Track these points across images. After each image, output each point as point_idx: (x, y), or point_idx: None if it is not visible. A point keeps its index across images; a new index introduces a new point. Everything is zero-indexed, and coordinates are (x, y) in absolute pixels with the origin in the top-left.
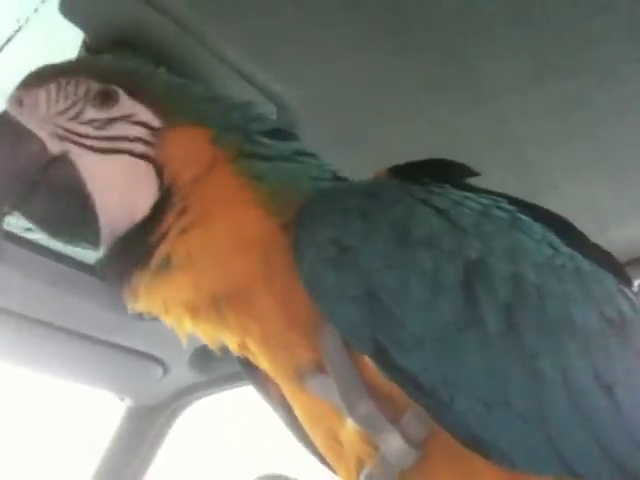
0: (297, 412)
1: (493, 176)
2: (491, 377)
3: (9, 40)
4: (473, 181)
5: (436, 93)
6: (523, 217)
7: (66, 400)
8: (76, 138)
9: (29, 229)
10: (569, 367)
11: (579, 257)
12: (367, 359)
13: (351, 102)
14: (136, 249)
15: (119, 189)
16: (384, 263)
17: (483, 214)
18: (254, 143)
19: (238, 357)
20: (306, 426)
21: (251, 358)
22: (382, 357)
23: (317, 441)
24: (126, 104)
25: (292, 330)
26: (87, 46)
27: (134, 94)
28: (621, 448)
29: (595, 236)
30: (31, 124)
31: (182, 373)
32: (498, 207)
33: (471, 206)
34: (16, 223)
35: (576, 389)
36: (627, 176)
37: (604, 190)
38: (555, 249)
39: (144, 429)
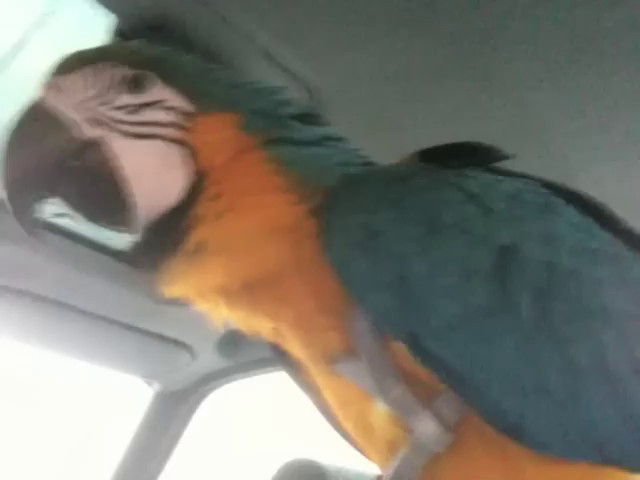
0: (327, 396)
1: (520, 162)
2: (525, 363)
3: (40, 24)
4: (505, 164)
5: (465, 79)
6: (557, 200)
7: (94, 386)
8: (111, 123)
9: (59, 214)
10: (604, 353)
11: (614, 240)
12: (399, 344)
13: (380, 88)
14: (170, 233)
15: (154, 173)
16: (415, 248)
17: (516, 198)
18: (284, 128)
19: (269, 343)
20: (337, 410)
21: (282, 343)
22: (414, 343)
23: (348, 425)
24: (159, 89)
25: (323, 315)
26: (119, 31)
27: (166, 79)
28: None
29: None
30: (67, 109)
31: (209, 358)
32: (531, 190)
33: (504, 190)
34: (47, 209)
35: (612, 375)
36: (637, 171)
37: (614, 185)
38: (590, 233)
39: (172, 413)
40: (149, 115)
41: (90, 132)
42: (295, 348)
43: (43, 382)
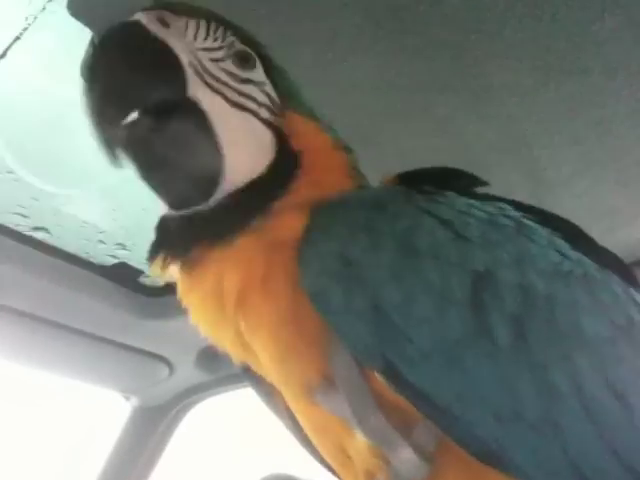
0: (302, 422)
1: (501, 175)
2: (502, 390)
3: (17, 38)
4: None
5: (445, 93)
6: (529, 223)
7: (72, 400)
8: (214, 83)
9: (37, 228)
10: (580, 377)
11: (587, 261)
12: (376, 374)
13: (360, 102)
14: (252, 203)
15: (246, 144)
16: (388, 277)
17: (489, 223)
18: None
19: (241, 365)
20: (313, 438)
21: (255, 367)
22: (391, 372)
23: (324, 452)
24: (260, 73)
25: (302, 341)
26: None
27: (267, 68)
28: (638, 457)
29: (604, 236)
30: (176, 47)
31: (188, 373)
32: (504, 215)
33: (477, 215)
34: (24, 223)
35: (589, 399)
36: (636, 175)
37: (613, 190)
38: (563, 254)
39: (150, 429)
40: (250, 90)
41: (193, 84)
42: (269, 372)
43: (18, 396)
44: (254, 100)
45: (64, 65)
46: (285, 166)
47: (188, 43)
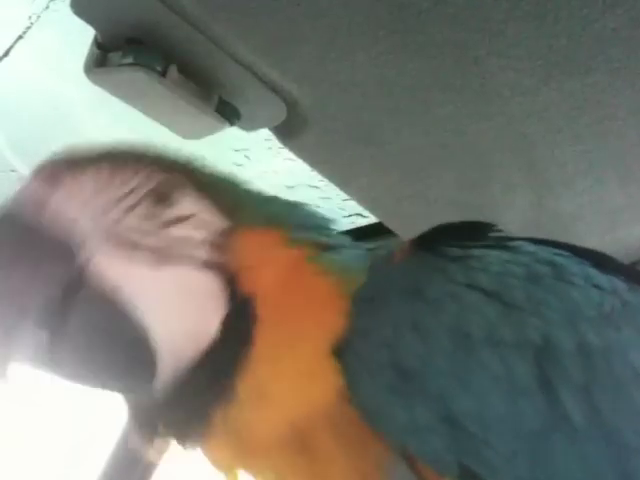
0: None
1: (502, 175)
2: (588, 469)
3: (21, 37)
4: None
5: (447, 92)
6: (560, 260)
7: (73, 398)
8: (127, 242)
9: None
10: None
11: (619, 285)
12: None
13: (362, 101)
14: (206, 384)
15: (184, 308)
16: (453, 383)
17: (529, 278)
18: (326, 237)
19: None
20: None
21: None
22: (469, 477)
23: None
24: (189, 203)
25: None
26: (98, 44)
27: (196, 191)
28: None
29: (605, 235)
30: (68, 215)
31: None
32: (537, 260)
33: (516, 273)
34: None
35: None
36: (638, 174)
37: (615, 189)
38: (600, 288)
39: None
40: (178, 232)
41: (97, 249)
42: None
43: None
44: (186, 242)
45: (67, 63)
46: (242, 317)
47: (87, 201)
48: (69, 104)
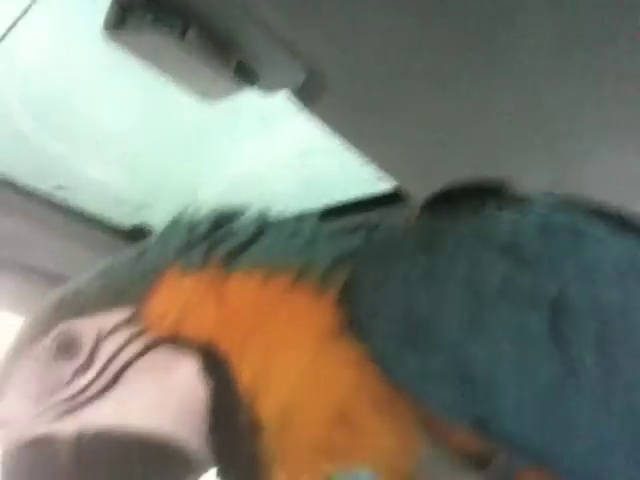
0: None
1: (519, 146)
2: (601, 419)
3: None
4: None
5: (470, 65)
6: (577, 219)
7: None
8: (68, 414)
9: (59, 187)
10: None
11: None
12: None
13: (379, 68)
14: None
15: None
16: (468, 333)
17: (543, 236)
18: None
19: None
20: None
21: None
22: (485, 427)
23: None
24: (87, 329)
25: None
26: (118, 2)
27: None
28: None
29: (624, 205)
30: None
31: None
32: (550, 219)
33: (528, 231)
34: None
35: None
36: None
37: (633, 159)
38: (617, 247)
39: None
40: (100, 361)
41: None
42: None
43: None
44: (115, 356)
45: (82, 30)
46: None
47: (20, 418)
48: (84, 69)
